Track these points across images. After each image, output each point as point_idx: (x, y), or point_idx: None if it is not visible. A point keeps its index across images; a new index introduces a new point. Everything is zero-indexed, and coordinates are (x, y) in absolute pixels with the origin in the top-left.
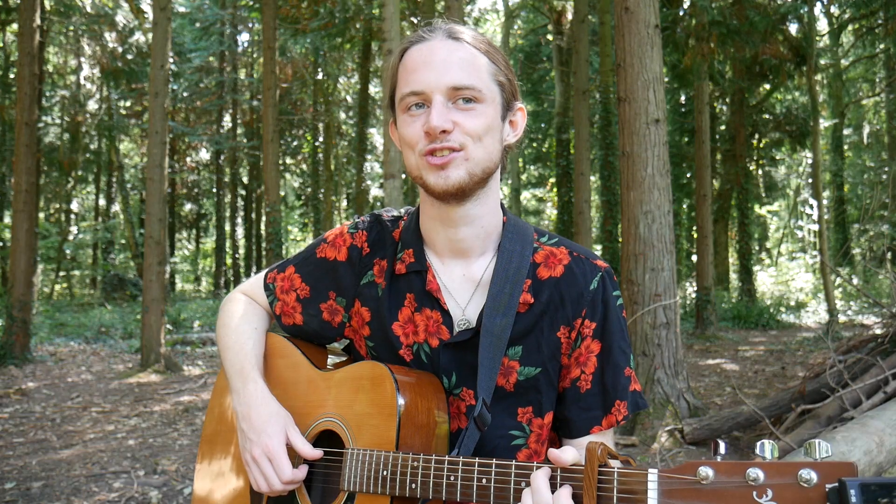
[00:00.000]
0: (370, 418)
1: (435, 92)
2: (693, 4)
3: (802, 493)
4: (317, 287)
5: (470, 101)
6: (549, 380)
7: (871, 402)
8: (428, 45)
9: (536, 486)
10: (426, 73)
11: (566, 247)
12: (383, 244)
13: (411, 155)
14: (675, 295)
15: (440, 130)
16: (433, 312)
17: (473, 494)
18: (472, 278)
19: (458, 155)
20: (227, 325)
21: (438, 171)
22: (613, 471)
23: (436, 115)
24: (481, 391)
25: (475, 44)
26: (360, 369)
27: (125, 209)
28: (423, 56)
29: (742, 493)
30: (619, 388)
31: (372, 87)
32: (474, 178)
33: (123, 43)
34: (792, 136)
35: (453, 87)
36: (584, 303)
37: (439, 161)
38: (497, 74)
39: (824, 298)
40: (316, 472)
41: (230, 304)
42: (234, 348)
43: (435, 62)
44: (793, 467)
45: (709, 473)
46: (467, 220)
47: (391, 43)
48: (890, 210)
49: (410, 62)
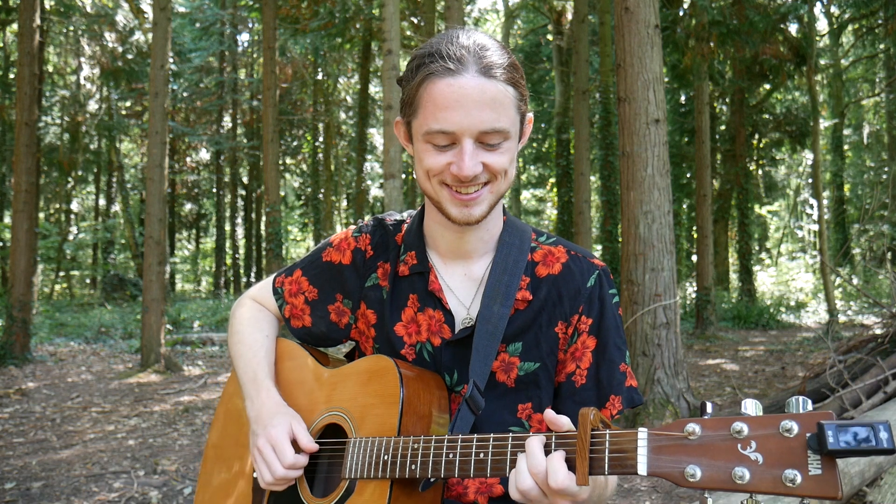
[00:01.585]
0: (373, 408)
1: (465, 135)
2: (693, 4)
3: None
4: (324, 289)
5: (498, 142)
6: (548, 375)
7: (871, 402)
8: (459, 82)
9: (531, 451)
10: (456, 115)
11: (564, 246)
12: (386, 247)
13: (428, 180)
14: (675, 295)
15: (471, 177)
16: (435, 312)
17: (471, 469)
18: (474, 278)
19: (484, 190)
20: (238, 332)
21: (462, 207)
22: (605, 433)
23: (468, 163)
24: (473, 374)
25: (504, 76)
26: (366, 363)
27: (125, 209)
28: (455, 95)
29: (728, 446)
30: (614, 383)
31: (372, 87)
32: (492, 206)
33: (123, 43)
34: (792, 136)
35: (482, 131)
36: (581, 299)
37: (466, 198)
38: (519, 103)
39: (824, 298)
40: (320, 465)
41: (240, 309)
42: (246, 356)
43: (466, 104)
44: (775, 419)
45: (696, 429)
46: (474, 228)
47: (391, 43)
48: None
49: (440, 97)
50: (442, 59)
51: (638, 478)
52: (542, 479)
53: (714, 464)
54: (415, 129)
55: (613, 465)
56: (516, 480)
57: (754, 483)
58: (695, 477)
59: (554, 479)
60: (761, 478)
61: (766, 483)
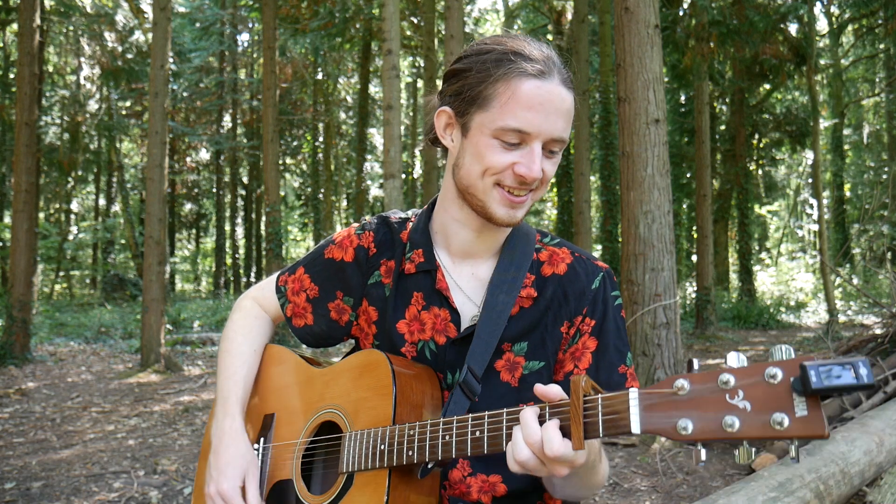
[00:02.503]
0: (367, 401)
1: (538, 139)
2: (693, 4)
3: (770, 388)
4: (325, 287)
5: (557, 151)
6: (551, 375)
7: (870, 402)
8: (548, 87)
9: (525, 422)
10: (538, 118)
11: (568, 248)
12: (390, 245)
13: (481, 177)
14: (675, 295)
15: (535, 180)
16: (441, 311)
17: (468, 448)
18: (481, 278)
19: (529, 196)
20: (229, 339)
21: (509, 209)
22: (597, 397)
23: (537, 166)
24: (470, 359)
25: (573, 90)
26: (357, 358)
27: (125, 209)
28: (541, 98)
29: (716, 398)
30: (613, 385)
31: (372, 87)
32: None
33: (123, 43)
34: (792, 136)
35: (553, 139)
36: (585, 300)
37: (517, 200)
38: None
39: (824, 298)
40: (316, 463)
41: (239, 313)
42: (227, 371)
43: (549, 110)
44: (760, 368)
45: (684, 384)
46: (493, 228)
47: (391, 43)
48: (890, 210)
49: (526, 97)
50: (530, 61)
51: (638, 478)
52: (539, 448)
53: (704, 416)
54: (480, 123)
55: (608, 426)
56: (513, 452)
57: (744, 430)
58: (687, 430)
59: (549, 447)
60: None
61: (756, 429)
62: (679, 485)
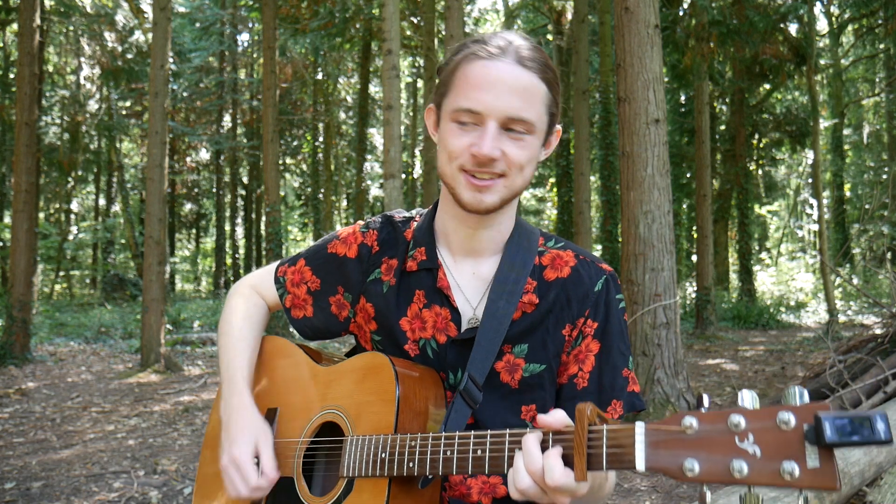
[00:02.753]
0: (369, 406)
1: (490, 117)
2: (693, 4)
3: (782, 434)
4: (327, 280)
5: (521, 132)
6: (553, 377)
7: (870, 402)
8: (495, 65)
9: (527, 448)
10: (487, 95)
11: (572, 250)
12: (394, 243)
13: (448, 163)
14: (675, 295)
15: (489, 159)
16: (442, 309)
17: (469, 466)
18: (482, 277)
19: (499, 181)
20: (230, 323)
21: (475, 192)
22: (602, 428)
23: (488, 143)
24: (471, 366)
25: (540, 73)
26: (361, 360)
27: (125, 209)
28: (489, 76)
29: (725, 440)
30: (616, 388)
31: (372, 87)
32: (505, 201)
33: (123, 43)
34: (792, 136)
35: (510, 117)
36: (588, 303)
37: (480, 184)
38: (551, 105)
39: (824, 298)
40: (318, 464)
41: (237, 299)
42: (232, 352)
43: (498, 86)
44: (772, 412)
45: (693, 423)
46: (490, 225)
47: (391, 43)
48: (890, 210)
49: (473, 76)
50: (483, 45)
51: (638, 478)
52: (539, 476)
53: (712, 457)
54: (444, 110)
55: (611, 460)
56: (514, 480)
57: (753, 476)
58: (693, 471)
59: (550, 476)
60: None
61: (765, 476)
62: (679, 485)
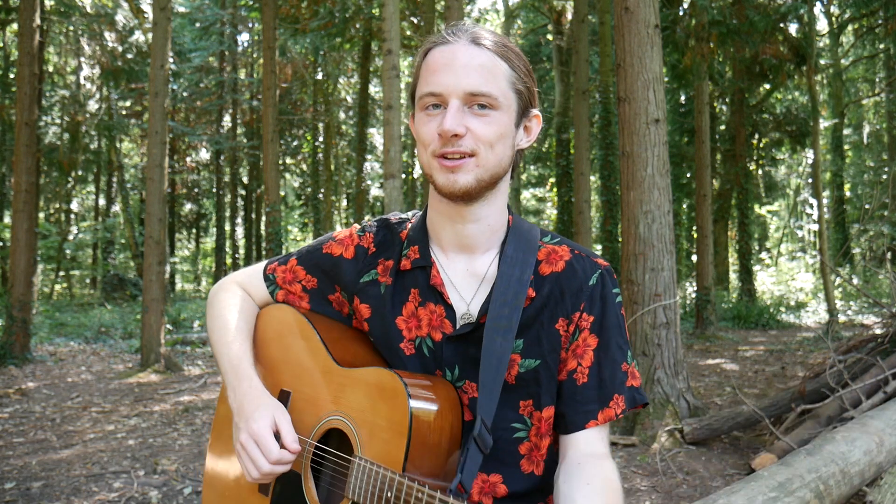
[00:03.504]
0: (381, 431)
1: (452, 96)
2: (693, 4)
3: None
4: (323, 280)
5: (485, 107)
6: (549, 373)
7: (871, 401)
8: (451, 48)
9: None
10: (445, 76)
11: (568, 245)
12: (390, 244)
13: (424, 153)
14: (675, 295)
15: (452, 134)
16: (437, 307)
17: None
18: (476, 274)
19: (469, 160)
20: (222, 316)
21: (448, 174)
22: None
23: (450, 118)
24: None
25: (497, 50)
26: (376, 376)
27: (125, 209)
28: (445, 59)
29: None
30: (617, 382)
31: (372, 87)
32: (482, 183)
33: (123, 43)
34: (792, 136)
35: (470, 92)
36: (582, 297)
37: (450, 164)
38: (516, 82)
39: (824, 298)
40: (324, 471)
41: (225, 293)
42: (231, 345)
43: (455, 66)
44: None
45: None
46: (474, 218)
47: (391, 43)
48: (890, 210)
49: (432, 63)
50: (440, 34)
51: (638, 477)
52: None
53: None
54: (416, 104)
55: None
56: None
57: None
58: None
59: None
60: None
61: None
62: (679, 485)
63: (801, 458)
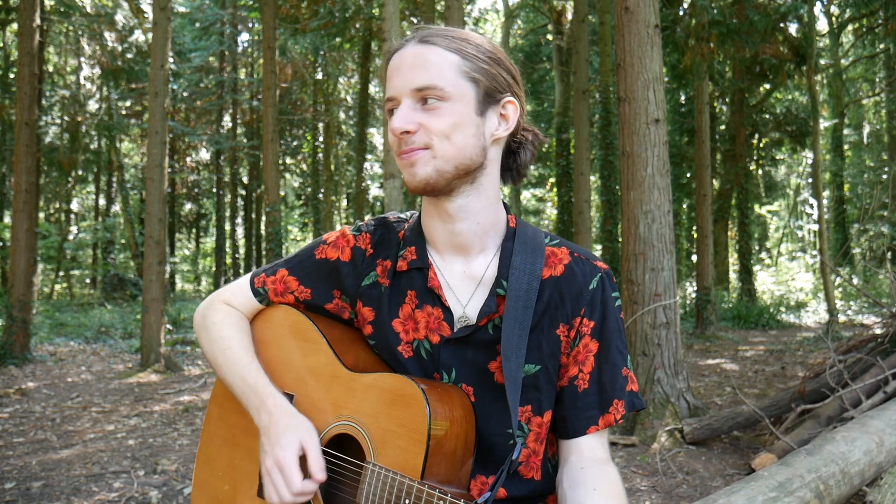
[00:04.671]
0: (396, 438)
1: (402, 96)
2: (693, 4)
3: None
4: (318, 289)
5: (435, 100)
6: (548, 378)
7: (871, 401)
8: (400, 52)
9: None
10: (396, 79)
11: (567, 247)
12: (387, 245)
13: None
14: (675, 295)
15: (401, 132)
16: (434, 309)
17: None
18: (473, 276)
19: (424, 153)
20: (224, 338)
21: (407, 168)
22: None
23: (397, 118)
24: None
25: (446, 44)
26: (392, 381)
27: (125, 209)
28: (395, 63)
29: None
30: (617, 387)
31: (372, 87)
32: (445, 175)
33: (123, 43)
34: (792, 136)
35: (415, 88)
36: (583, 301)
37: (406, 159)
38: (471, 71)
39: (824, 298)
40: (331, 478)
41: (217, 315)
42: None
43: (403, 68)
44: None
45: None
46: (461, 215)
47: (391, 43)
48: (890, 210)
49: (389, 70)
50: (397, 41)
51: (638, 477)
52: None
53: None
54: None
55: None
56: None
57: None
58: None
59: None
60: None
61: None
62: (679, 485)
63: (801, 458)
